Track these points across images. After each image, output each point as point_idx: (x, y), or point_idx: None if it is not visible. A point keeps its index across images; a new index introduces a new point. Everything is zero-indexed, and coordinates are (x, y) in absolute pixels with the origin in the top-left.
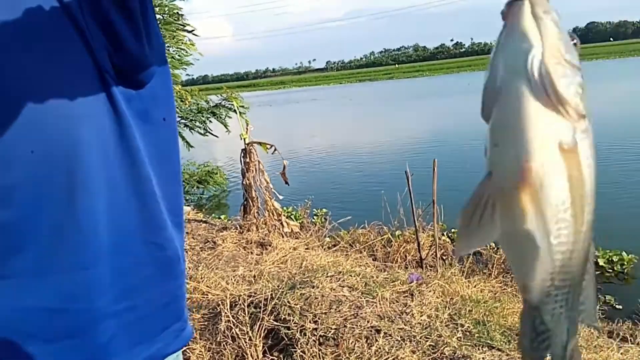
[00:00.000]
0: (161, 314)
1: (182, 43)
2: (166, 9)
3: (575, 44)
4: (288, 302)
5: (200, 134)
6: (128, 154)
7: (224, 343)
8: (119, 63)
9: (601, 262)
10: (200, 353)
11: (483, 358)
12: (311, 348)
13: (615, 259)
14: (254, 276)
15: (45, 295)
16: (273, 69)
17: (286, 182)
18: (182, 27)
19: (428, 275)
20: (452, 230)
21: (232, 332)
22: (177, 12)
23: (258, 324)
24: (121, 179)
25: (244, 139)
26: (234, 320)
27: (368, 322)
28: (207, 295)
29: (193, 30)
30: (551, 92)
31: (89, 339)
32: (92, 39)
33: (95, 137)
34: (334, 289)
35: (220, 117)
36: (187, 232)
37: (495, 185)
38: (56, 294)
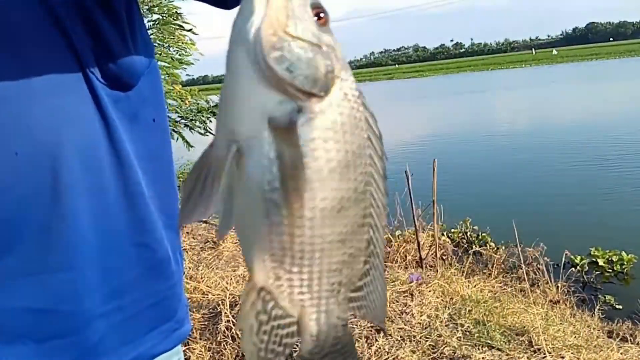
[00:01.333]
0: (149, 314)
1: (183, 43)
2: (165, 8)
3: (320, 17)
4: None
5: (201, 133)
6: (115, 155)
7: (224, 343)
8: (104, 65)
9: (601, 262)
10: (200, 353)
11: (483, 358)
12: None
13: (615, 259)
14: None
15: (34, 295)
16: None
17: None
18: (181, 27)
19: (428, 275)
20: (452, 230)
21: (232, 332)
22: (176, 12)
23: None
24: (108, 180)
25: None
26: (234, 320)
27: (368, 321)
28: (207, 295)
29: (191, 29)
30: (264, 66)
31: (79, 340)
32: (77, 41)
33: (81, 139)
34: None
35: None
36: (187, 232)
37: (216, 155)
38: (45, 295)
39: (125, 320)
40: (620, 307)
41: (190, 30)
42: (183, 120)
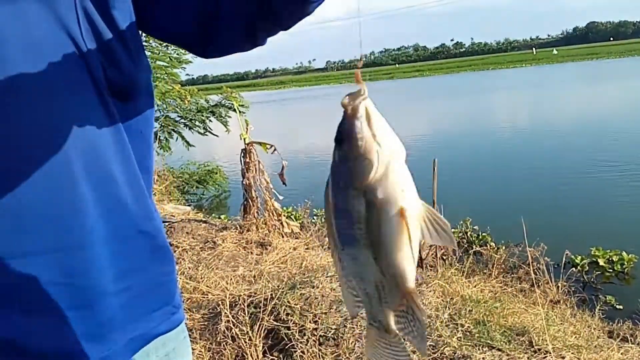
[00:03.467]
0: (152, 295)
1: None
2: None
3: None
4: (288, 302)
5: (200, 133)
6: (122, 151)
7: (224, 343)
8: (111, 75)
9: (601, 262)
10: (200, 353)
11: (483, 358)
12: (311, 348)
13: (615, 258)
14: (254, 276)
15: (53, 271)
16: (273, 69)
17: (284, 183)
18: None
19: (428, 275)
20: (452, 230)
21: (232, 332)
22: None
23: (258, 324)
24: (115, 170)
25: (244, 139)
26: (233, 320)
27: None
28: (207, 295)
29: None
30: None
31: (93, 313)
32: (89, 56)
33: (92, 134)
34: (334, 289)
35: (220, 116)
36: (187, 232)
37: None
38: (61, 270)
39: (133, 299)
40: (621, 307)
41: None
42: (183, 120)
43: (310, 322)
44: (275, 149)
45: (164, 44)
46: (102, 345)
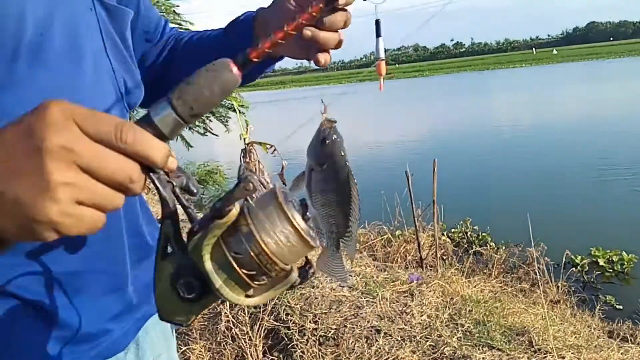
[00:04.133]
0: None
1: None
2: (162, 7)
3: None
4: (288, 302)
5: (200, 133)
6: None
7: (224, 343)
8: (129, 86)
9: (601, 262)
10: (200, 353)
11: (483, 358)
12: (311, 348)
13: (615, 259)
14: None
15: (91, 259)
16: (273, 69)
17: (284, 183)
18: (179, 25)
19: (428, 275)
20: (452, 230)
21: (232, 332)
22: (174, 11)
23: (258, 324)
24: None
25: (244, 139)
26: (233, 320)
27: (368, 322)
28: None
29: (188, 28)
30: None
31: (122, 295)
32: (114, 67)
33: None
34: (334, 289)
35: (220, 116)
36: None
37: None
38: (102, 258)
39: (145, 284)
40: (621, 307)
41: (187, 29)
42: None
43: (310, 322)
44: (275, 149)
45: None
46: (123, 323)
